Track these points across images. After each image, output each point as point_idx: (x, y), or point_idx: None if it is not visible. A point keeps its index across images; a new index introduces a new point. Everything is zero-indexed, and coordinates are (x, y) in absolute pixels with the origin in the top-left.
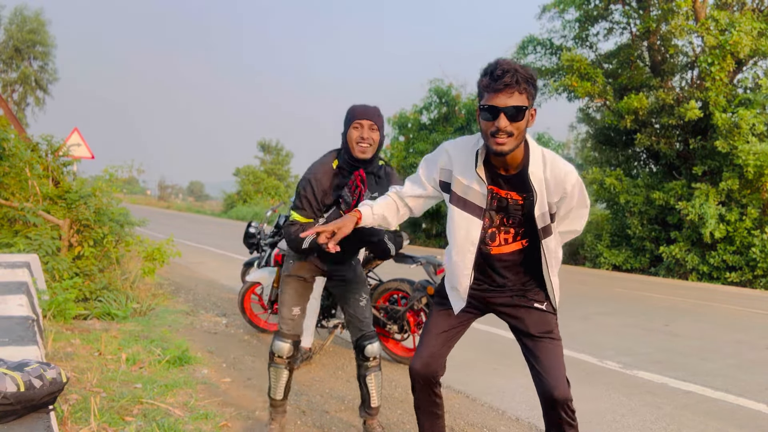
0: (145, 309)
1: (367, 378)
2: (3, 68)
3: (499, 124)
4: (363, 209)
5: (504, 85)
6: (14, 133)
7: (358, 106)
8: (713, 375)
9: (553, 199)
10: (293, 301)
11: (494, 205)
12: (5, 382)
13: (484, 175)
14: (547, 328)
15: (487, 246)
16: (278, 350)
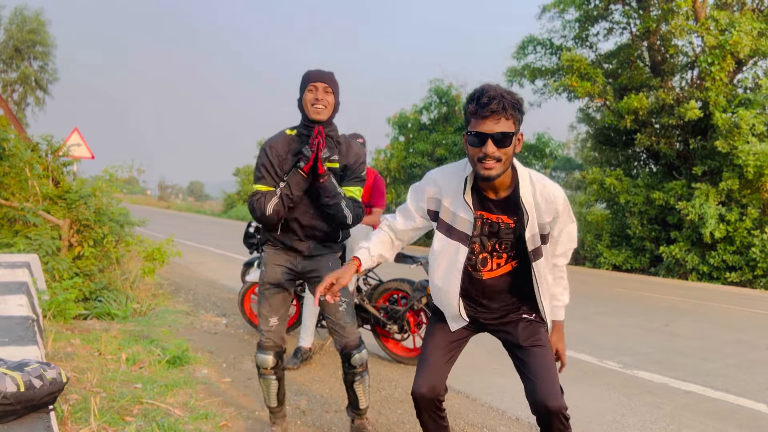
0: (145, 309)
1: (354, 384)
2: (3, 68)
3: (486, 150)
4: (361, 254)
5: (491, 111)
6: (14, 133)
7: (313, 71)
8: (713, 375)
9: (546, 219)
10: (270, 311)
11: (486, 231)
12: (5, 382)
13: (472, 202)
14: (535, 336)
15: (478, 272)
16: (261, 363)
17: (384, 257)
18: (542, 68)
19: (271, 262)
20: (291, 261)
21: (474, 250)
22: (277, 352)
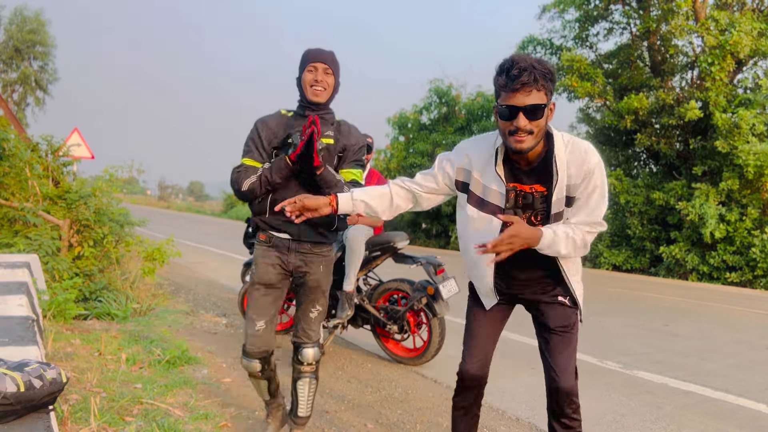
0: (145, 309)
1: (298, 382)
2: (3, 68)
3: (518, 123)
4: (339, 194)
5: (521, 84)
6: (14, 133)
7: (313, 50)
8: (713, 375)
9: (576, 180)
10: (258, 313)
11: (519, 203)
12: (5, 382)
13: (504, 174)
14: (565, 322)
15: None
16: (248, 369)
17: (371, 207)
18: None
19: (262, 261)
20: (282, 259)
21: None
22: (263, 358)
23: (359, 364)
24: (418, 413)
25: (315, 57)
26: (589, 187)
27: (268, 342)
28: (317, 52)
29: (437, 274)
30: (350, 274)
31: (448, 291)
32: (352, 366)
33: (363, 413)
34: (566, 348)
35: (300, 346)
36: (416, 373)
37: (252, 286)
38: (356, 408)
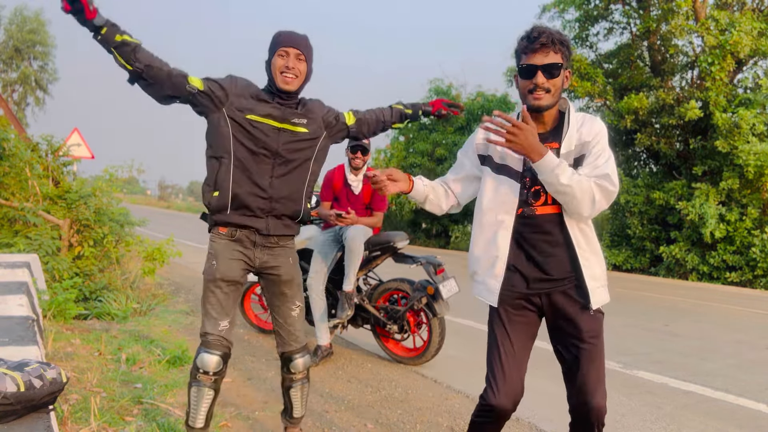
0: (145, 309)
1: (291, 390)
2: (3, 68)
3: (536, 80)
4: (416, 178)
5: (540, 44)
6: (14, 133)
7: (285, 32)
8: (713, 375)
9: (588, 137)
10: (221, 312)
11: None
12: (5, 382)
13: None
14: (595, 329)
15: (531, 207)
16: (204, 364)
17: (436, 194)
18: None
19: (224, 256)
20: (247, 254)
21: (525, 183)
22: (224, 354)
23: (359, 364)
24: (418, 413)
25: (287, 41)
26: (598, 146)
27: (230, 336)
28: (289, 35)
29: (437, 274)
30: (350, 274)
31: (448, 291)
32: (352, 366)
33: (363, 413)
34: (596, 359)
35: (289, 358)
36: (416, 373)
37: (212, 282)
38: (356, 408)
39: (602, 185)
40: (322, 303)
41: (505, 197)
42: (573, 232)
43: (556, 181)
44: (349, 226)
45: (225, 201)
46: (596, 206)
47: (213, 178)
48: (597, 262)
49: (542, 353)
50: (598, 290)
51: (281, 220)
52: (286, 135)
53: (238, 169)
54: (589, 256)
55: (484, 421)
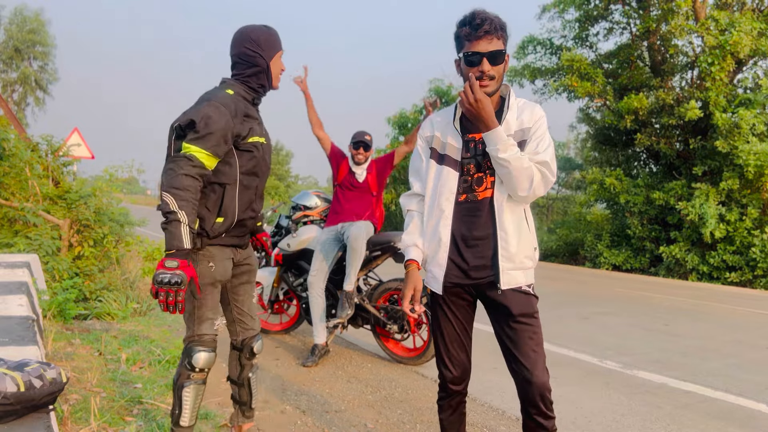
0: (145, 309)
1: (251, 378)
2: (3, 68)
3: (483, 68)
4: (413, 254)
5: (484, 32)
6: (14, 133)
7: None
8: (713, 375)
9: (529, 124)
10: (215, 312)
11: (480, 150)
12: (5, 382)
13: (460, 128)
14: (528, 310)
15: (474, 192)
16: (202, 363)
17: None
18: (542, 68)
19: (222, 257)
20: (233, 253)
21: (470, 170)
22: (215, 349)
23: (359, 364)
24: (418, 413)
25: (280, 42)
26: (538, 131)
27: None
28: (279, 36)
29: None
30: (351, 273)
31: None
32: (352, 366)
33: (363, 413)
34: (534, 337)
35: (252, 344)
36: (416, 373)
37: (210, 285)
38: (356, 408)
39: (542, 171)
40: (321, 302)
41: (446, 186)
42: (500, 214)
43: (499, 155)
44: (351, 224)
45: (227, 227)
46: (534, 188)
47: (218, 204)
48: (518, 243)
49: None
50: (511, 272)
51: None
52: (267, 148)
53: (242, 194)
54: (509, 237)
55: (443, 397)
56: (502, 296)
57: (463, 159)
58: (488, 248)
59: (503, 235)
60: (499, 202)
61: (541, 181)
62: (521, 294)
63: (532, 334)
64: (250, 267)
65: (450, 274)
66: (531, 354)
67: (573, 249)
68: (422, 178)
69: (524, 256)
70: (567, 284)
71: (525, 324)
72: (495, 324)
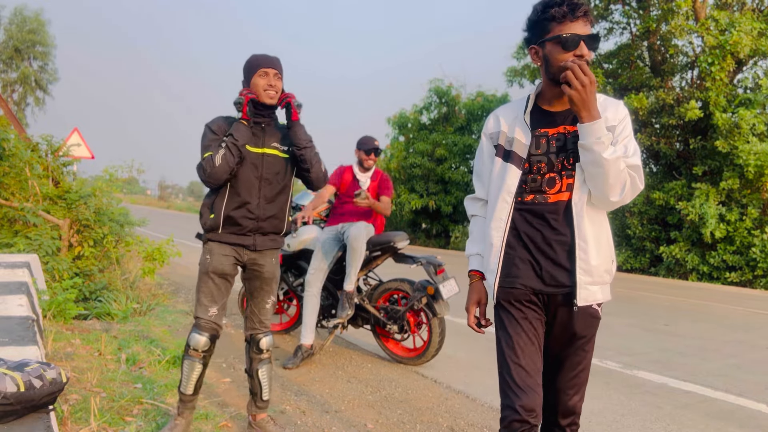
0: (145, 309)
1: (260, 371)
2: (3, 68)
3: (582, 51)
4: (476, 263)
5: (583, 12)
6: (14, 133)
7: (261, 56)
8: (713, 375)
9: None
10: (211, 301)
11: (553, 147)
12: (5, 382)
13: (531, 121)
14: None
15: (544, 194)
16: (194, 343)
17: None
18: None
19: (218, 252)
20: (238, 252)
21: (540, 169)
22: (212, 335)
23: (359, 364)
24: (418, 413)
25: (266, 63)
26: (625, 131)
27: (219, 321)
28: (265, 58)
29: (437, 274)
30: (351, 273)
31: (448, 291)
32: (352, 366)
33: (363, 413)
34: (582, 363)
35: (259, 337)
36: (416, 373)
37: (206, 274)
38: (356, 408)
39: (632, 176)
40: (315, 302)
41: (505, 185)
42: (579, 221)
43: (596, 150)
44: (351, 224)
45: (218, 222)
46: (624, 194)
47: (211, 202)
48: (597, 255)
49: None
50: (589, 287)
51: (267, 236)
52: (269, 159)
53: (232, 193)
54: (589, 248)
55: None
56: (571, 315)
57: (532, 156)
58: (563, 256)
59: (582, 244)
60: (578, 208)
61: (631, 187)
62: (589, 317)
63: (584, 359)
64: (263, 274)
65: (522, 275)
66: (575, 380)
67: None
68: (484, 181)
69: (604, 269)
70: None
71: (582, 348)
72: (549, 338)
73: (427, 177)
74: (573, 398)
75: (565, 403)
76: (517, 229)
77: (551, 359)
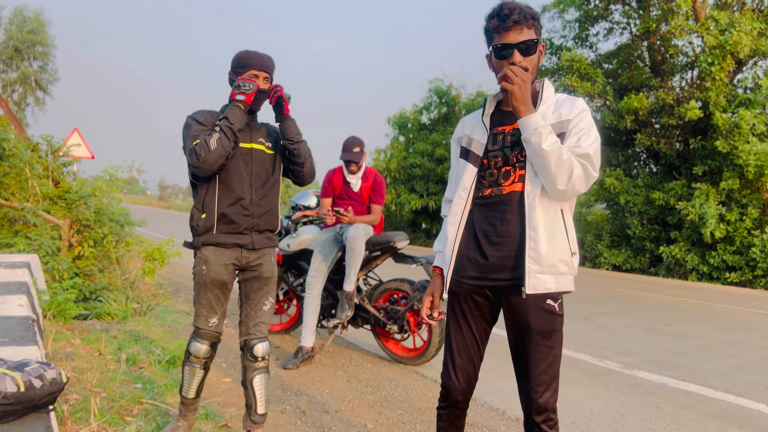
0: (145, 309)
1: (254, 380)
2: (3, 68)
3: (514, 59)
4: (438, 260)
5: (513, 22)
6: (14, 133)
7: (254, 55)
8: (713, 375)
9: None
10: (210, 311)
11: (508, 142)
12: (5, 382)
13: (489, 122)
14: (549, 327)
15: (500, 187)
16: (195, 351)
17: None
18: (542, 68)
19: (215, 262)
20: (236, 257)
21: (496, 163)
22: (213, 343)
23: (359, 364)
24: (418, 413)
25: (258, 64)
26: (581, 123)
27: (220, 329)
28: (258, 58)
29: None
30: (351, 273)
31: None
32: (352, 366)
33: (363, 413)
34: (548, 359)
35: (253, 343)
36: (416, 373)
37: (203, 286)
38: (356, 408)
39: (583, 164)
40: (316, 304)
41: (461, 182)
42: (530, 211)
43: (534, 142)
44: (349, 225)
45: (212, 221)
46: (573, 182)
47: (201, 201)
48: (549, 244)
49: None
50: (538, 276)
51: (263, 234)
52: (257, 154)
53: (222, 190)
54: (539, 237)
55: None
56: (524, 307)
57: (489, 152)
58: (513, 247)
59: (532, 233)
60: (530, 198)
61: (583, 175)
62: (544, 311)
63: (548, 356)
64: (262, 274)
65: (466, 275)
66: (542, 377)
67: None
68: (452, 183)
69: (557, 259)
70: None
71: (543, 344)
72: (510, 334)
73: (427, 177)
74: (543, 395)
75: (536, 400)
76: (473, 224)
77: (517, 356)
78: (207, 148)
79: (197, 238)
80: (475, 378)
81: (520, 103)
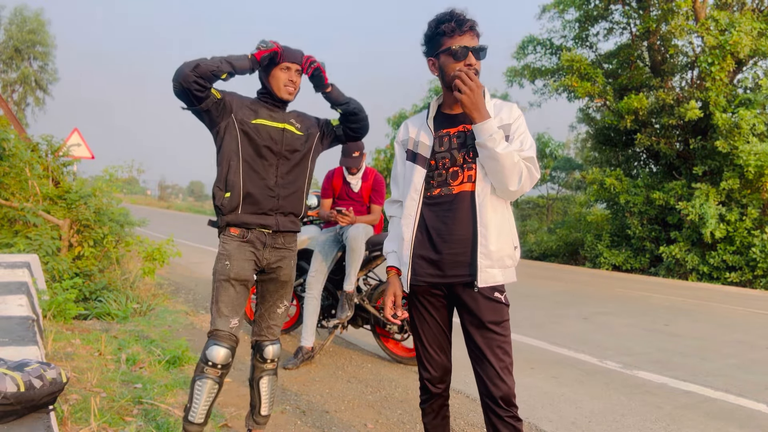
0: (145, 309)
1: (261, 381)
2: (3, 68)
3: (470, 61)
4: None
5: (469, 27)
6: (14, 133)
7: (286, 48)
8: (713, 375)
9: (509, 120)
10: (232, 311)
11: (455, 144)
12: (5, 382)
13: (434, 125)
14: (499, 318)
15: (449, 187)
16: (214, 357)
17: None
18: (542, 68)
19: (237, 256)
20: (257, 255)
21: (444, 164)
22: (232, 347)
23: (359, 364)
24: (418, 413)
25: (290, 57)
26: (520, 128)
27: (238, 333)
28: (290, 51)
29: None
30: (351, 273)
31: None
32: (352, 366)
33: (363, 413)
34: (502, 347)
35: (264, 344)
36: (416, 373)
37: (226, 281)
38: (356, 408)
39: (528, 167)
40: (316, 304)
41: (411, 184)
42: (481, 210)
43: (489, 147)
44: (349, 225)
45: (237, 201)
46: (522, 183)
47: (223, 179)
48: (497, 240)
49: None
50: (489, 270)
51: (288, 217)
52: (288, 135)
53: (246, 170)
54: (489, 234)
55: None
56: (474, 301)
57: (436, 154)
58: (467, 245)
59: (483, 231)
60: (481, 198)
61: (529, 176)
62: (492, 302)
63: (501, 343)
64: (279, 277)
65: (422, 273)
66: (497, 364)
67: (573, 249)
68: (399, 184)
69: (505, 254)
70: (567, 284)
71: (494, 333)
72: (464, 329)
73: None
74: (502, 387)
75: (497, 392)
76: (425, 223)
77: (474, 348)
78: (185, 65)
79: (222, 218)
80: (449, 366)
81: (473, 109)
